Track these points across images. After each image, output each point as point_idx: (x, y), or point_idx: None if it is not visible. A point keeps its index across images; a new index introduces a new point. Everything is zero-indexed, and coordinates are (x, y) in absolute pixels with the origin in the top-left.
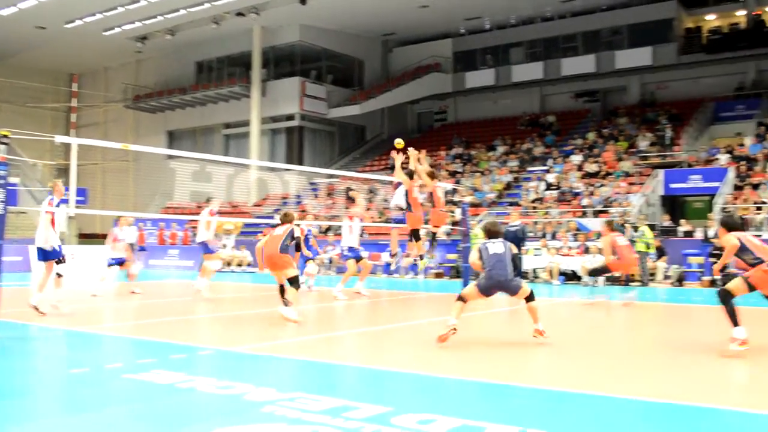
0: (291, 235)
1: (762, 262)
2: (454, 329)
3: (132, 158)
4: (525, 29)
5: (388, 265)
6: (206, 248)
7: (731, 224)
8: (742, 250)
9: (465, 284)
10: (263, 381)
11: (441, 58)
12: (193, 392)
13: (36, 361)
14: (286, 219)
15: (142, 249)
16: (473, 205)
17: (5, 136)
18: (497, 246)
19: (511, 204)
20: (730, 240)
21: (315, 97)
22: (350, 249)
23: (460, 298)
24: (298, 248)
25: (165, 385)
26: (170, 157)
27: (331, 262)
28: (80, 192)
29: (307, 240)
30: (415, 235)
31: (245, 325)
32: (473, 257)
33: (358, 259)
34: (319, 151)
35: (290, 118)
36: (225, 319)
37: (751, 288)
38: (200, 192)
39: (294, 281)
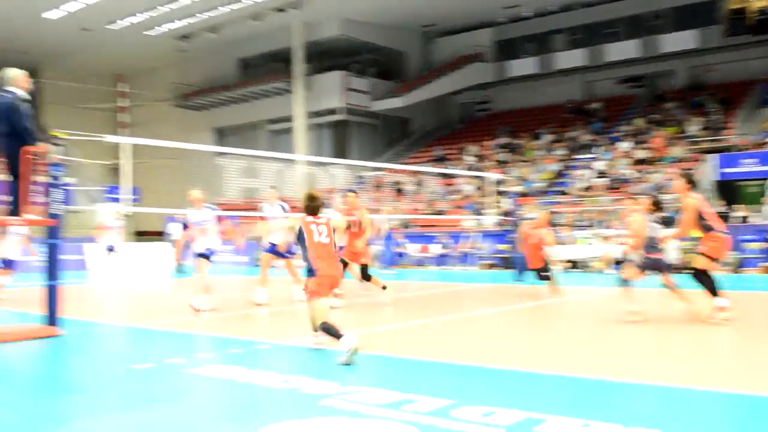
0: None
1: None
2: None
3: (180, 156)
4: (566, 16)
5: (442, 256)
6: (274, 250)
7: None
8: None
9: (518, 274)
10: (321, 374)
11: (482, 47)
12: (252, 386)
13: (99, 358)
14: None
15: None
16: (521, 194)
17: (60, 138)
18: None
19: (560, 193)
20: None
21: (358, 91)
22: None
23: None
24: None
25: (225, 379)
26: (218, 153)
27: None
28: (133, 191)
29: None
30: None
31: (300, 319)
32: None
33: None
34: (364, 144)
35: (334, 112)
36: (280, 313)
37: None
38: (249, 188)
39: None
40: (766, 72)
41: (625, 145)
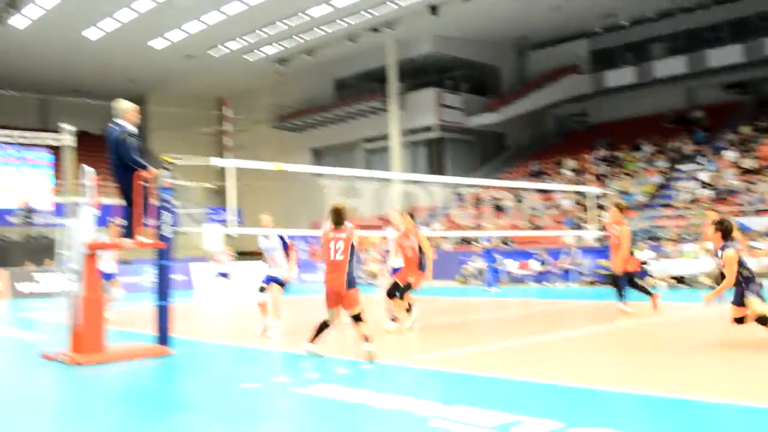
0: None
1: None
2: None
3: (280, 177)
4: (665, 23)
5: (541, 274)
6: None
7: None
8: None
9: (620, 291)
10: (427, 394)
11: (578, 58)
12: (360, 406)
13: (209, 377)
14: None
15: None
16: (620, 207)
17: (169, 162)
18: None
19: (664, 206)
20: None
21: (452, 107)
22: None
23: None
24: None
25: (332, 399)
26: (316, 174)
27: (480, 273)
28: (237, 212)
29: None
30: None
31: (401, 338)
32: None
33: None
34: (459, 160)
35: (429, 129)
36: (379, 332)
37: None
38: (349, 207)
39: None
40: None
41: (730, 155)
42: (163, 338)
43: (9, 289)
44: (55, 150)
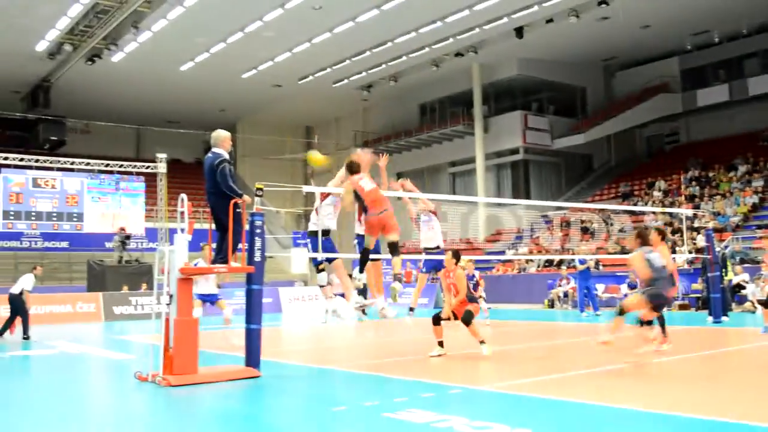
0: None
1: None
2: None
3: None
4: (760, 38)
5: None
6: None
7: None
8: None
9: (716, 316)
10: (517, 422)
11: (668, 77)
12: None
13: (299, 399)
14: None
15: None
16: (717, 230)
17: (261, 189)
18: (657, 257)
19: (760, 227)
20: None
21: (538, 129)
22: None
23: (621, 311)
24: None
25: (422, 423)
26: (401, 198)
27: (566, 296)
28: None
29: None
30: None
31: (487, 363)
32: (640, 264)
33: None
34: (545, 182)
35: (514, 152)
36: (460, 357)
37: None
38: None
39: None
40: None
41: None
42: (253, 360)
43: (104, 311)
44: (148, 177)
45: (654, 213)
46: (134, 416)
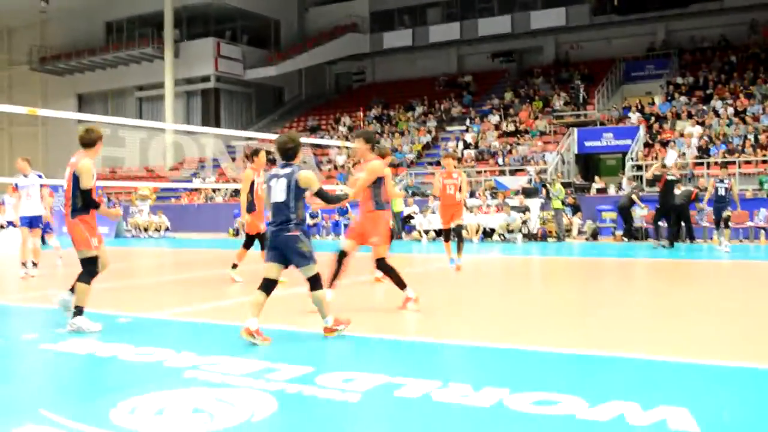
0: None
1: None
2: None
3: (41, 123)
4: None
5: None
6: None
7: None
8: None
9: None
10: (184, 346)
11: (358, 18)
12: (113, 360)
13: None
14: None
15: None
16: (393, 165)
17: None
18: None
19: (431, 163)
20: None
21: (230, 58)
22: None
23: None
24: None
25: (83, 354)
26: (80, 121)
27: None
28: None
29: None
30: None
31: (163, 291)
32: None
33: None
34: (236, 113)
35: (205, 79)
36: (142, 286)
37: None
38: (113, 157)
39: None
40: (629, 50)
41: (494, 118)
42: None
43: None
44: None
45: (338, 147)
46: None
